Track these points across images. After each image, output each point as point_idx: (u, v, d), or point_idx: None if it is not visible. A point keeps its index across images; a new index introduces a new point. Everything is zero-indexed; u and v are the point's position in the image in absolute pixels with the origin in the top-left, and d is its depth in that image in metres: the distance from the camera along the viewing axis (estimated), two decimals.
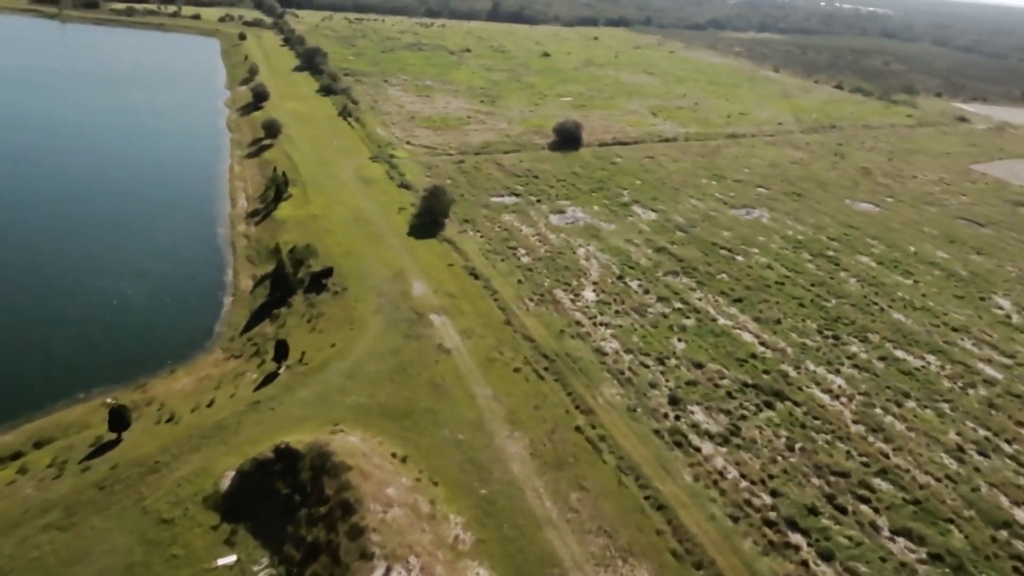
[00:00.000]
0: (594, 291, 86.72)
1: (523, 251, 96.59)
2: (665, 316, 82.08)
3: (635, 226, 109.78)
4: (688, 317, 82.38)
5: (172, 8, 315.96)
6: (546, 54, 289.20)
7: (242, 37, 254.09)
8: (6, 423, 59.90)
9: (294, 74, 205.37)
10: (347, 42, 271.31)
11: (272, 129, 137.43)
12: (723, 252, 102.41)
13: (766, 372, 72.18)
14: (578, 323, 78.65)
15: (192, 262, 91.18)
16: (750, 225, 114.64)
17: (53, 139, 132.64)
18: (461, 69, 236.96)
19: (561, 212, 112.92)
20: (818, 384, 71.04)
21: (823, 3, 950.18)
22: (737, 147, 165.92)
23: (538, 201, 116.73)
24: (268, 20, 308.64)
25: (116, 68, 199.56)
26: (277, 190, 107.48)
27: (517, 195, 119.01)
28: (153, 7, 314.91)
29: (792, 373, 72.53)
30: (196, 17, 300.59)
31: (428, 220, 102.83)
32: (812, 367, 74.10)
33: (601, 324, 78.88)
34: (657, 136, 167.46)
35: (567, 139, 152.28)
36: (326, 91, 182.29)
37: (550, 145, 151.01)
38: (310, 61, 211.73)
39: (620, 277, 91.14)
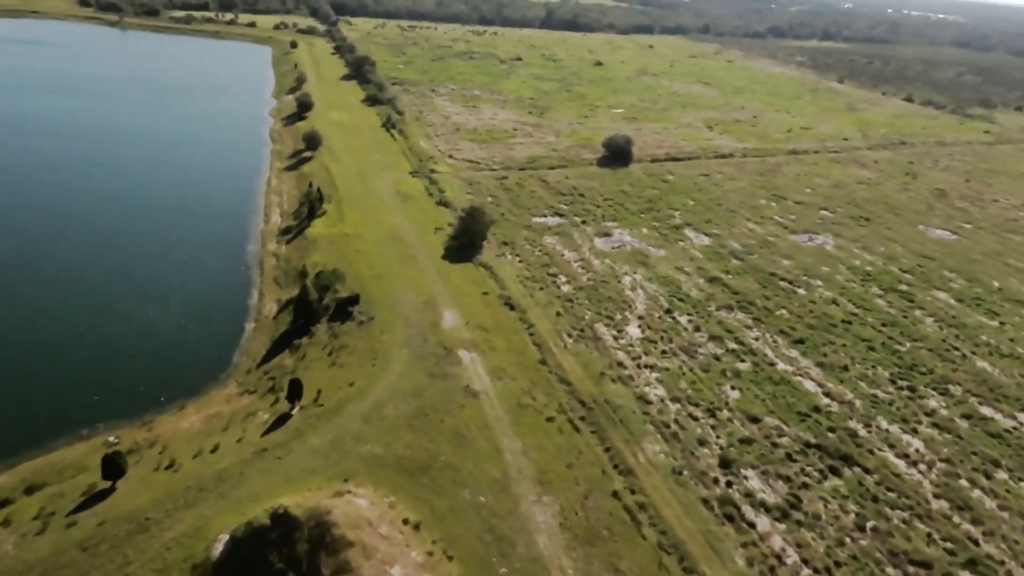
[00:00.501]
0: (639, 326, 79.70)
1: (564, 278, 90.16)
2: (717, 358, 74.51)
3: (687, 252, 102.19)
4: (743, 360, 74.64)
5: (229, 16, 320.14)
6: (599, 63, 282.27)
7: (293, 45, 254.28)
8: (5, 460, 56.42)
9: (342, 83, 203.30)
10: (397, 50, 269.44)
11: (313, 141, 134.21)
12: (783, 284, 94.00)
13: (831, 430, 64.06)
14: (620, 364, 71.79)
15: (218, 282, 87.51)
16: (813, 253, 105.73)
17: (91, 146, 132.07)
18: (511, 78, 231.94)
19: (607, 235, 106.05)
20: (892, 447, 62.61)
21: (890, 10, 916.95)
22: (799, 165, 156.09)
23: (583, 222, 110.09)
24: (321, 28, 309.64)
25: (167, 76, 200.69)
26: (311, 207, 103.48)
27: (561, 215, 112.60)
28: (211, 15, 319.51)
29: (862, 432, 64.23)
30: (252, 25, 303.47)
31: (465, 242, 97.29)
32: (885, 425, 65.63)
33: (646, 366, 71.84)
34: (713, 152, 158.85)
35: (617, 154, 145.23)
36: (372, 101, 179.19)
37: (599, 161, 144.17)
38: (358, 70, 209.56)
39: (668, 311, 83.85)
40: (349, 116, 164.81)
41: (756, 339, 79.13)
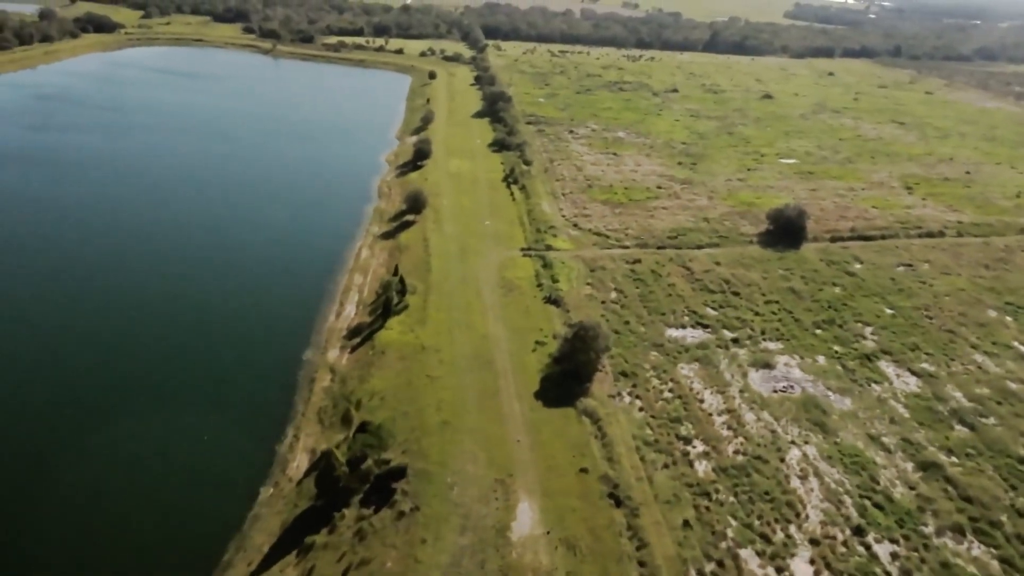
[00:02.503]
0: (811, 561, 52.00)
1: (701, 446, 63.80)
2: None
3: (885, 406, 71.98)
4: None
5: (379, 42, 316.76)
6: (767, 95, 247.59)
7: (432, 76, 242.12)
8: None
9: (472, 121, 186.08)
10: (542, 80, 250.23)
11: (416, 203, 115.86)
12: None
13: None
14: None
15: (253, 412, 69.28)
16: None
17: (172, 196, 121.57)
18: (662, 115, 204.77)
19: (767, 366, 77.87)
20: None
21: None
22: None
23: (735, 341, 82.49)
24: (467, 55, 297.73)
25: (294, 111, 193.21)
26: (386, 303, 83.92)
27: (705, 326, 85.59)
28: (363, 41, 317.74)
29: None
30: (399, 52, 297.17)
31: (569, 369, 73.37)
32: None
33: None
34: (915, 227, 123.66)
35: (786, 231, 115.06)
36: (499, 146, 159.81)
37: (761, 237, 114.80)
38: (492, 106, 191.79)
39: (857, 531, 55.17)
40: (470, 166, 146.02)
41: None
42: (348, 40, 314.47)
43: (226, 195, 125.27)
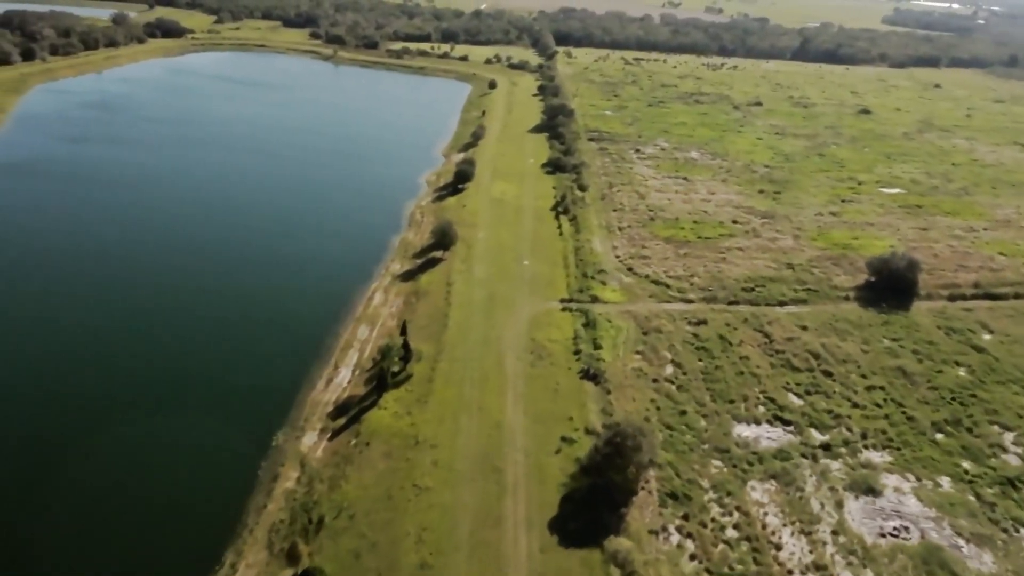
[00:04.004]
0: None
1: None
2: None
3: None
4: None
5: (444, 48, 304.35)
6: (864, 110, 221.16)
7: (492, 85, 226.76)
8: None
9: (528, 137, 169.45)
10: (611, 90, 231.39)
11: (445, 237, 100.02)
12: None
13: None
14: None
15: (194, 525, 54.40)
16: None
17: (178, 222, 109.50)
18: (743, 133, 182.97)
19: (871, 491, 57.85)
20: None
21: None
22: None
23: (826, 448, 62.71)
24: (535, 62, 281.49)
25: (342, 125, 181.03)
26: (380, 375, 68.09)
27: (787, 423, 66.06)
28: (427, 47, 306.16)
29: None
30: (464, 58, 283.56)
31: (600, 485, 55.51)
32: None
33: None
34: None
35: (891, 285, 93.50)
36: (553, 167, 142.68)
37: (860, 293, 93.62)
38: (551, 120, 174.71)
39: None
40: (516, 191, 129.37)
41: None
42: (412, 46, 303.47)
43: (246, 223, 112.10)
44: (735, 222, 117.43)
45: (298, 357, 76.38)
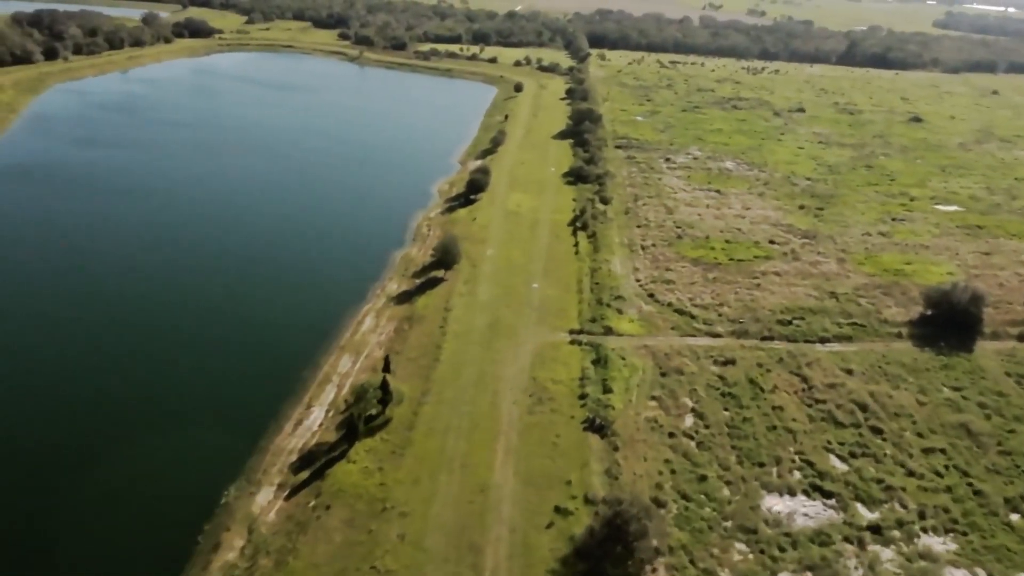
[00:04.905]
0: None
1: None
2: None
3: None
4: None
5: (473, 50, 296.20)
6: (916, 118, 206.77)
7: (518, 88, 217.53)
8: None
9: (551, 144, 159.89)
10: (644, 94, 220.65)
11: (447, 255, 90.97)
12: None
13: None
14: None
15: None
16: None
17: (171, 233, 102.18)
18: (783, 142, 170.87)
19: None
20: None
21: None
22: None
23: (874, 530, 51.84)
24: (566, 65, 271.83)
25: (356, 128, 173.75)
26: (351, 424, 59.13)
27: (828, 495, 55.31)
28: (456, 48, 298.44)
29: None
30: (493, 60, 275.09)
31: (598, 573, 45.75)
32: None
33: None
34: None
35: (951, 320, 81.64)
36: (575, 176, 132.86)
37: (914, 329, 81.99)
38: (577, 126, 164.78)
39: None
40: (533, 203, 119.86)
41: None
42: (441, 48, 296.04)
43: (246, 234, 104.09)
44: (772, 242, 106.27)
45: (271, 392, 67.87)
